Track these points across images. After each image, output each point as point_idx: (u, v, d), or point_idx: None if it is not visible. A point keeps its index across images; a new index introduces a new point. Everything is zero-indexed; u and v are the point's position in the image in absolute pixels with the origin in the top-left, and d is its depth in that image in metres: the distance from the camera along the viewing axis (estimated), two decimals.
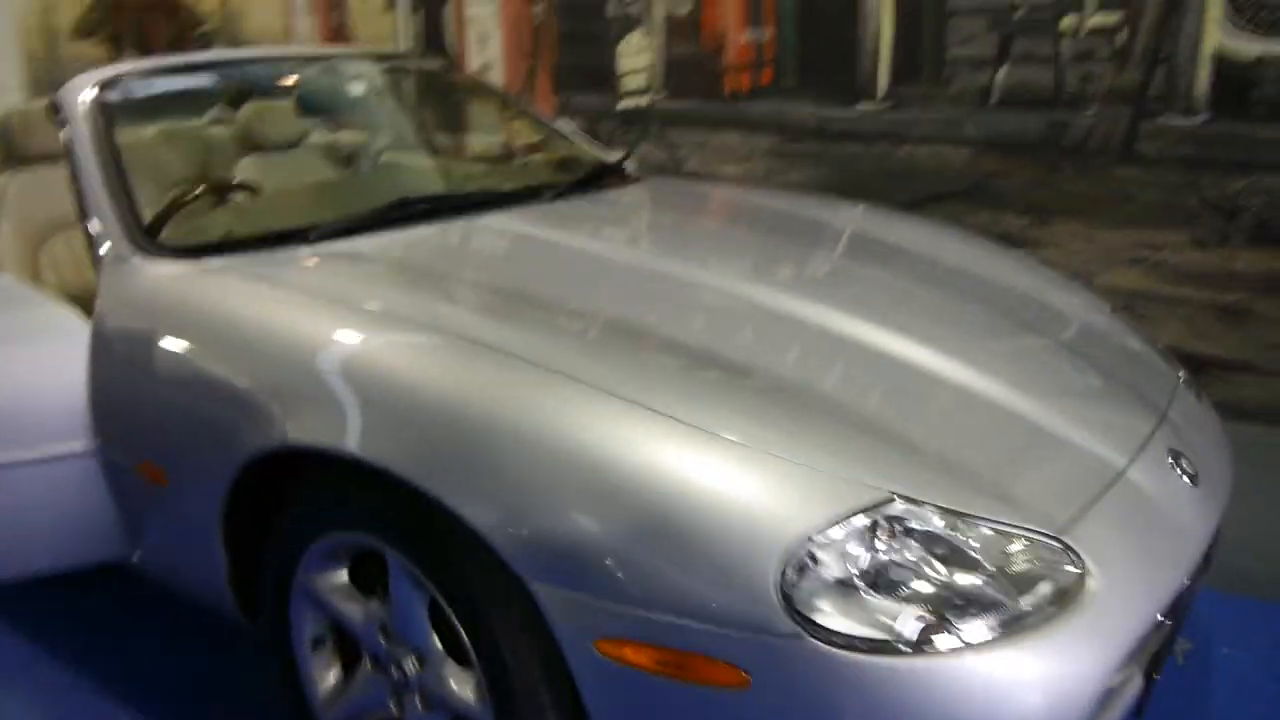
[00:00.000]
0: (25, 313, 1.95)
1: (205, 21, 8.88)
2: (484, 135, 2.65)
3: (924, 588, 1.19)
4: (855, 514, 1.21)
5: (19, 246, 2.58)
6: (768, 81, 4.38)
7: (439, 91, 2.93)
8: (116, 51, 8.48)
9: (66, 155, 2.12)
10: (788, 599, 1.17)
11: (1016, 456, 1.43)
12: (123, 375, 1.79)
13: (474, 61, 5.67)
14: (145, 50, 8.19)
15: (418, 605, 1.47)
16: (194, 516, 1.70)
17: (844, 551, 1.20)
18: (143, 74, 2.41)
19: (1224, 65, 3.32)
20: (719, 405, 1.38)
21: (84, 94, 2.20)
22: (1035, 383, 1.62)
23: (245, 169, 2.55)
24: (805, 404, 1.43)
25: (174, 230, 1.99)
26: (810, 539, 1.20)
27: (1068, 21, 3.55)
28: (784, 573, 1.18)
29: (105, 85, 2.24)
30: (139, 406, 1.76)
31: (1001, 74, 3.72)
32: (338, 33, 6.91)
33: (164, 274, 1.87)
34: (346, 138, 2.82)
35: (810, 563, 1.18)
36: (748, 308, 1.73)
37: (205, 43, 8.91)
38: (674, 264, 1.93)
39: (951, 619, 1.17)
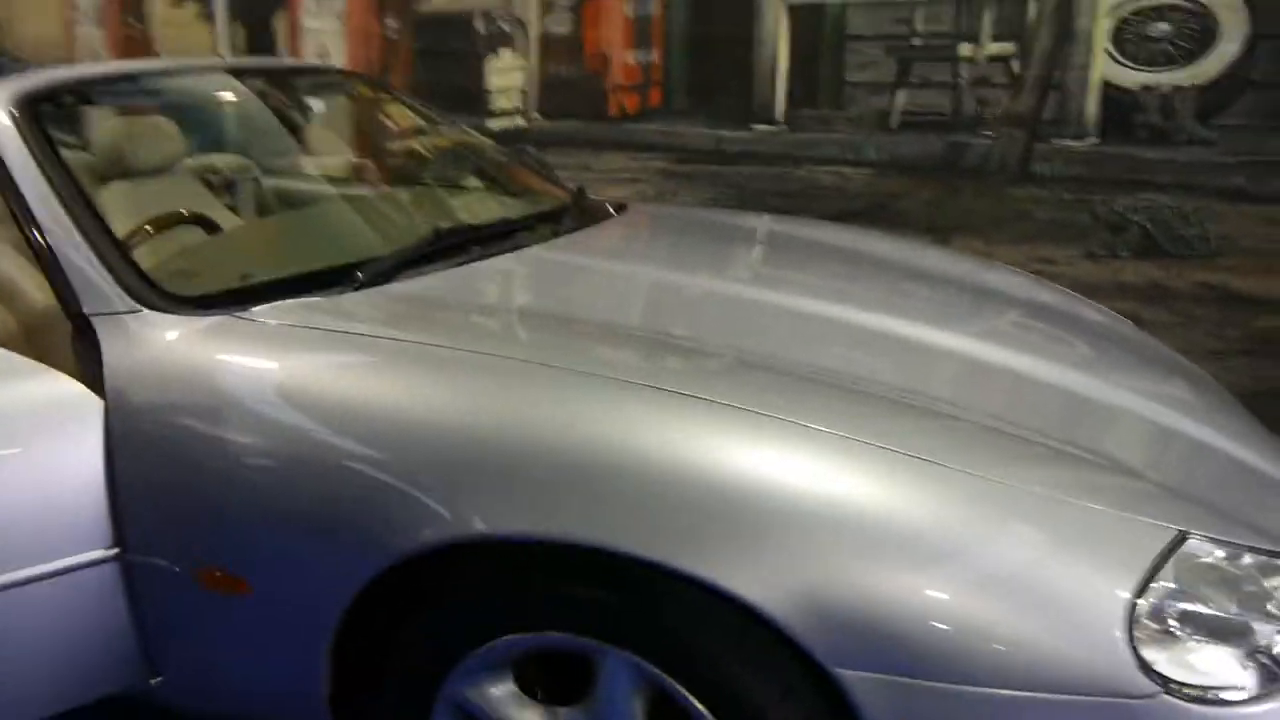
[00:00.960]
0: (16, 387, 1.59)
1: None
2: (440, 159, 2.52)
3: (1237, 628, 1.21)
4: (1166, 557, 1.22)
5: None
6: (657, 103, 4.44)
7: (375, 109, 2.75)
8: None
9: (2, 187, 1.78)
10: (1139, 656, 1.13)
11: (1222, 483, 1.49)
12: (167, 463, 1.50)
13: None
14: None
15: (635, 709, 1.30)
16: (291, 628, 1.46)
17: (1169, 598, 1.19)
18: (69, 87, 2.10)
19: (1110, 92, 3.65)
20: (973, 449, 1.32)
21: (5, 109, 1.87)
22: (1195, 411, 1.70)
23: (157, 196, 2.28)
24: (1024, 440, 1.40)
25: (168, 277, 1.73)
26: (1143, 589, 1.16)
27: (965, 49, 3.80)
28: (1130, 629, 1.14)
29: (28, 101, 1.90)
30: (199, 501, 1.48)
31: (900, 98, 3.93)
32: (133, 44, 6.40)
33: (195, 333, 1.59)
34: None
35: (1150, 615, 1.17)
36: (868, 335, 1.72)
37: None
38: (767, 292, 1.90)
39: (1271, 659, 1.19)
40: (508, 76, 4.92)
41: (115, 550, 1.53)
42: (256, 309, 1.64)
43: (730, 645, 1.21)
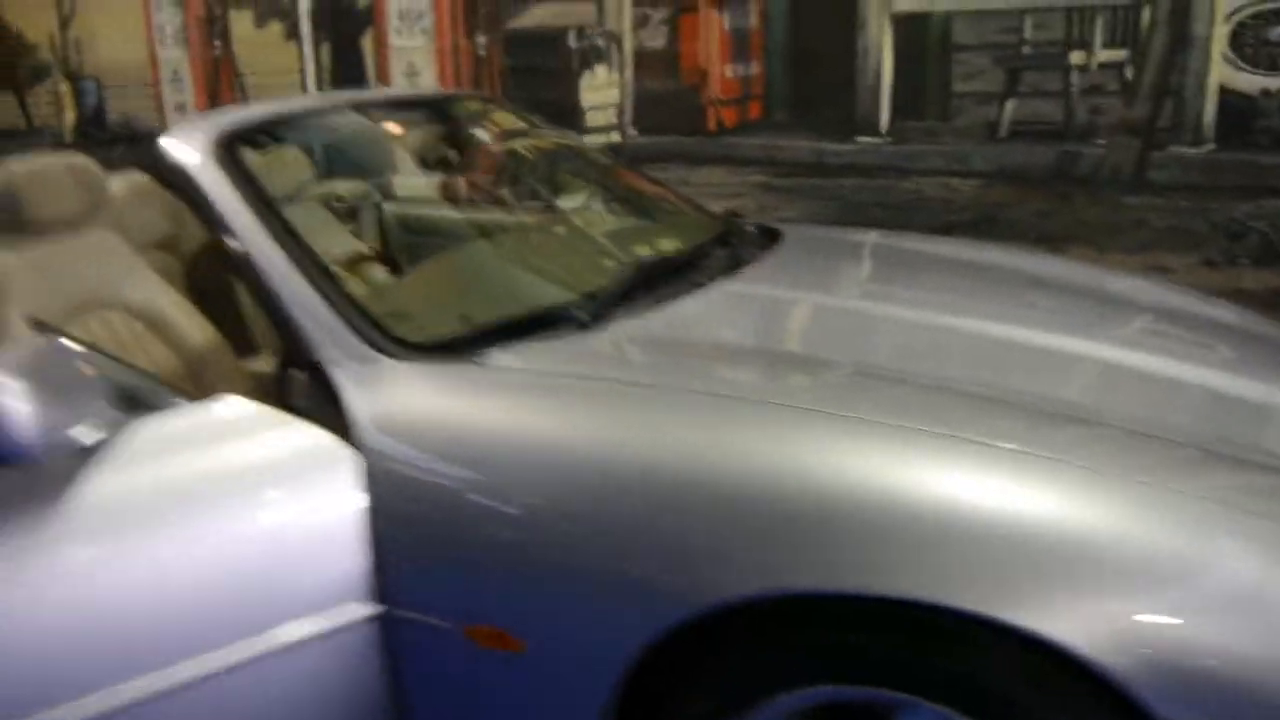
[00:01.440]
0: (263, 437, 1.57)
1: (32, 50, 8.26)
2: (597, 186, 2.56)
3: None
4: None
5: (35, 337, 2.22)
6: (756, 116, 4.52)
7: (524, 136, 2.78)
8: None
9: (216, 232, 1.79)
10: None
11: None
12: (433, 517, 1.48)
13: None
14: None
15: None
16: (568, 687, 1.45)
17: None
18: (262, 126, 2.06)
19: (1227, 98, 3.66)
20: (1180, 468, 1.35)
21: (209, 152, 1.83)
22: None
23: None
24: (1217, 454, 1.43)
25: (391, 321, 1.68)
26: None
27: (1077, 56, 3.83)
28: None
29: (228, 143, 1.86)
30: (469, 555, 1.46)
31: (1009, 107, 3.96)
32: (217, 66, 6.59)
33: (442, 380, 1.58)
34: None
35: None
36: (1114, 369, 1.74)
37: (39, 74, 8.28)
38: (981, 322, 1.89)
39: None
40: (602, 92, 5.02)
41: (377, 608, 1.49)
42: (494, 354, 1.62)
43: (1043, 692, 1.22)
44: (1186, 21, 3.69)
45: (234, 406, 1.63)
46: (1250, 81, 3.69)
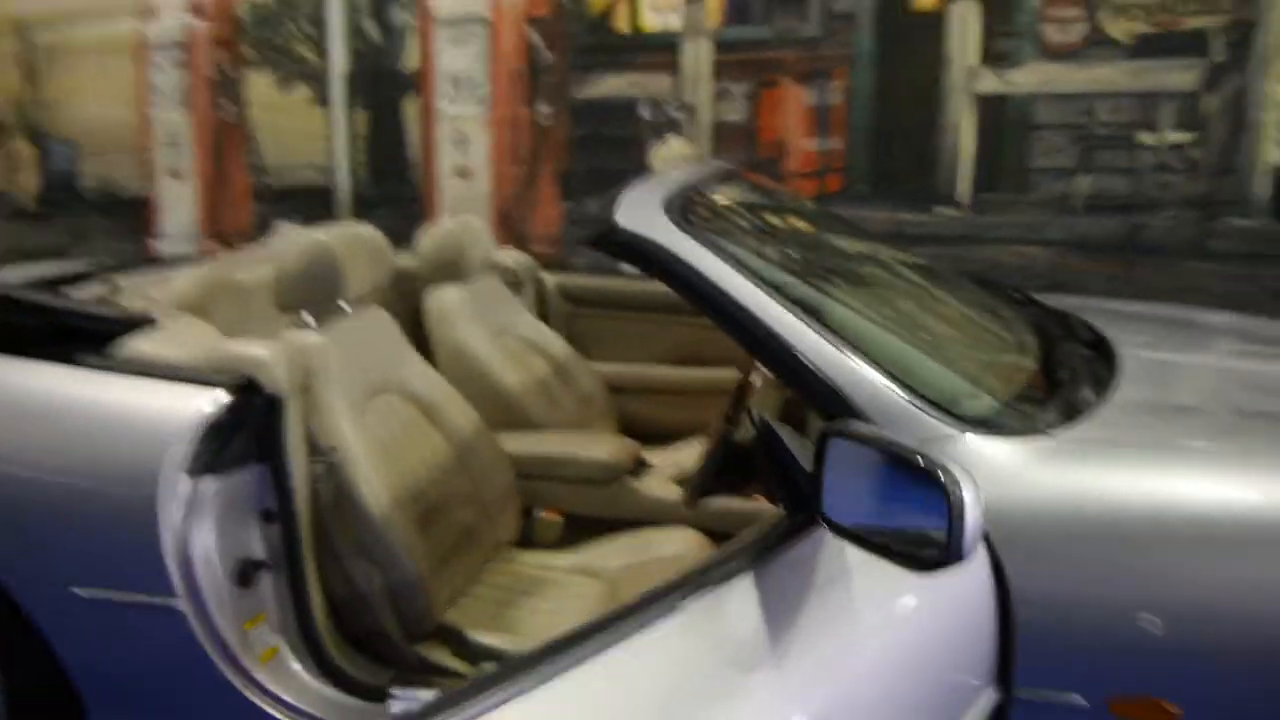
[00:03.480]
0: None
1: None
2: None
3: None
4: None
5: (346, 419, 2.11)
6: (836, 188, 5.15)
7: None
8: None
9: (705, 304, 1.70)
10: None
11: None
12: (1075, 593, 1.55)
13: (443, 164, 5.94)
14: None
15: None
16: None
17: None
18: (692, 192, 2.00)
19: (1278, 175, 4.51)
20: None
21: (669, 222, 1.78)
22: None
23: None
24: None
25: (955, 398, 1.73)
26: None
27: (1147, 137, 4.63)
28: None
29: (682, 211, 1.85)
30: (1112, 623, 1.51)
31: (1084, 182, 4.72)
32: (227, 131, 6.86)
33: (1044, 457, 1.64)
34: None
35: None
36: None
37: None
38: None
39: None
40: (675, 163, 5.55)
41: (999, 692, 1.53)
42: (1063, 428, 1.71)
43: None
44: (1245, 108, 4.56)
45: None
46: None
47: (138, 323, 2.13)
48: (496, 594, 2.42)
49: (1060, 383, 1.91)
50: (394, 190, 6.20)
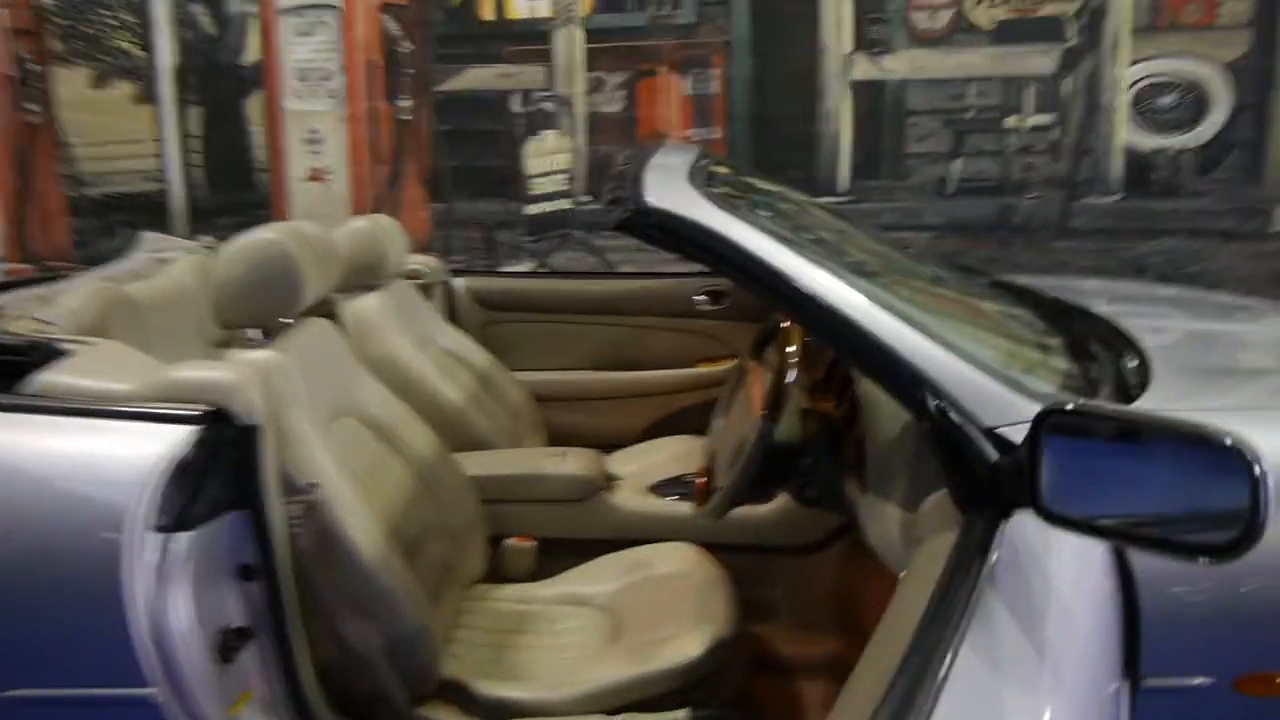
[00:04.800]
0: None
1: None
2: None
3: None
4: None
5: (320, 450, 1.95)
6: None
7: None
8: None
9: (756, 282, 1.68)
10: None
11: None
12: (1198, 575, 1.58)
13: (293, 166, 5.84)
14: None
15: None
16: None
17: None
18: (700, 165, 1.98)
19: (1130, 155, 5.06)
20: None
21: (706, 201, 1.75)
22: None
23: None
24: None
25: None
26: None
27: (1012, 120, 5.11)
28: None
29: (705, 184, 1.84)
30: (1242, 607, 1.56)
31: (956, 166, 5.17)
32: (34, 133, 6.51)
33: None
34: None
35: None
36: None
37: None
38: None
39: None
40: (551, 158, 5.68)
41: (1124, 681, 1.53)
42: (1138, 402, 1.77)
43: None
44: (1098, 91, 5.08)
45: None
46: (1146, 140, 5.13)
47: (46, 351, 1.82)
48: (484, 637, 2.29)
49: (1094, 357, 1.99)
50: (236, 197, 6.03)
